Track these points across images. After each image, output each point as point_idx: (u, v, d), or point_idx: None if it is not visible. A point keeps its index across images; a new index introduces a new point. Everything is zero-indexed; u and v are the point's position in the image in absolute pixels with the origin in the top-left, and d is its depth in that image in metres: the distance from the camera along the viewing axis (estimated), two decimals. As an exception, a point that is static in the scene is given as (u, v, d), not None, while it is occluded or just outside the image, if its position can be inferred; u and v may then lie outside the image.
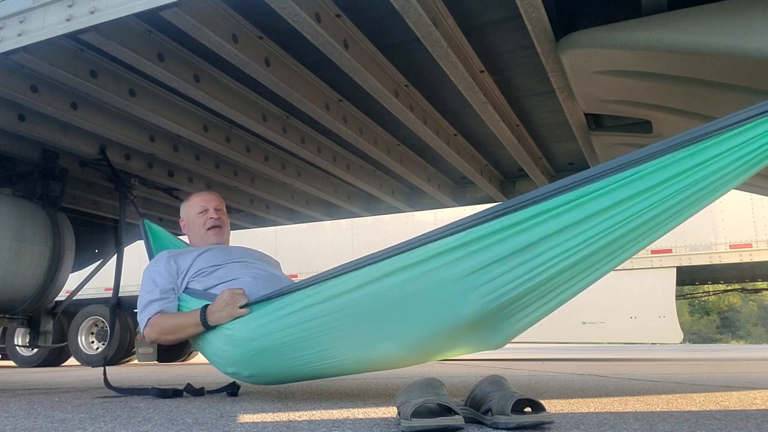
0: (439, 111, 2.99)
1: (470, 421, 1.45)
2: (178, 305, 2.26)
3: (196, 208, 2.52)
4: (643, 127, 2.73)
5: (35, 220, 3.15)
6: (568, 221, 1.53)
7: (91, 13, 1.85)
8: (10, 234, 3.01)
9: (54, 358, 8.82)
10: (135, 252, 4.64)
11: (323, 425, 1.43)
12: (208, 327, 2.08)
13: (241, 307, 2.02)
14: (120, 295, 3.45)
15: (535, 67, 2.45)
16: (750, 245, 6.72)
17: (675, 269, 6.98)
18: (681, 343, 10.05)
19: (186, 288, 2.27)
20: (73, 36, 1.97)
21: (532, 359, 7.95)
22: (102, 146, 3.11)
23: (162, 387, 2.39)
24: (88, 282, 3.87)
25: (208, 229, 2.48)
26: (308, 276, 1.91)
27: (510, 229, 1.57)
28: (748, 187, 3.22)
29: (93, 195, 3.83)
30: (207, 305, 2.10)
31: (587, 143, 3.07)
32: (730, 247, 6.79)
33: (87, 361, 8.36)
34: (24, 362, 8.71)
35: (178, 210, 2.70)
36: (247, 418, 1.60)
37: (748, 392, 2.40)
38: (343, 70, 2.28)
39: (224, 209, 2.60)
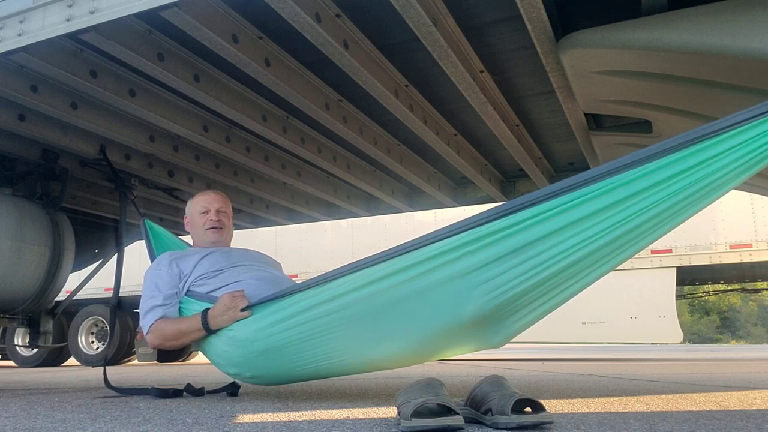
0: (439, 111, 2.99)
1: (470, 421, 1.45)
2: (181, 308, 2.26)
3: (199, 208, 2.54)
4: (643, 127, 2.73)
5: (35, 220, 3.15)
6: (568, 220, 1.54)
7: (91, 13, 1.85)
8: (10, 234, 3.01)
9: (54, 358, 8.83)
10: (135, 252, 4.64)
11: (323, 425, 1.43)
12: (210, 331, 2.09)
13: (242, 310, 2.02)
14: (120, 295, 3.45)
15: (535, 67, 2.45)
16: (750, 245, 6.71)
17: (675, 269, 6.98)
18: (681, 343, 10.05)
19: (188, 291, 2.27)
20: (73, 36, 1.97)
21: (532, 359, 7.95)
22: (102, 146, 3.11)
23: (162, 387, 2.39)
24: (88, 282, 3.86)
25: (207, 229, 2.50)
26: (308, 276, 1.91)
27: (510, 228, 1.58)
28: (748, 187, 3.21)
29: (93, 195, 3.83)
30: (208, 309, 2.10)
31: (587, 143, 3.07)
32: (730, 247, 6.78)
33: (87, 361, 8.36)
34: (24, 362, 8.71)
35: (178, 210, 2.70)
36: (247, 418, 1.60)
37: (748, 392, 2.40)
38: (343, 70, 2.28)
39: (228, 211, 2.59)
